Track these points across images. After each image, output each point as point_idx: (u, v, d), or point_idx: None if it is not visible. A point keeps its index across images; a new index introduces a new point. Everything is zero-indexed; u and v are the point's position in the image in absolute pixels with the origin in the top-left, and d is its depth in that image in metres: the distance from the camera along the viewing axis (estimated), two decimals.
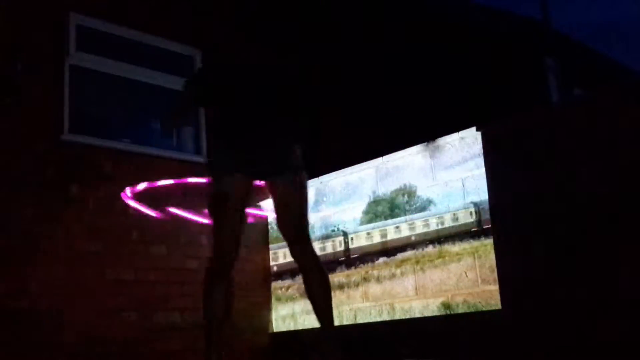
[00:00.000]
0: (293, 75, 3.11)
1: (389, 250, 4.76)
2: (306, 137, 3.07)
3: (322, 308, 2.98)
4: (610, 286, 3.60)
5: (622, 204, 3.62)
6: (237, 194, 2.93)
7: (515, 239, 4.08)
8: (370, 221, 4.97)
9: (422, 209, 4.64)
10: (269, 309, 5.53)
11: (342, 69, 6.14)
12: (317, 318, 3.00)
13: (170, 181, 4.48)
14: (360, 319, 4.89)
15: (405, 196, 4.76)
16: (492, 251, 4.17)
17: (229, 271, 3.01)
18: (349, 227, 5.11)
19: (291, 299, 5.40)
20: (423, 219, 4.61)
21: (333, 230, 5.22)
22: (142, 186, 4.32)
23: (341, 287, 5.06)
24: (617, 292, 3.58)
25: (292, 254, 3.01)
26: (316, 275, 2.98)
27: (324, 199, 5.31)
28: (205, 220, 3.78)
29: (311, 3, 6.25)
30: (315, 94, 3.23)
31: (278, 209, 3.02)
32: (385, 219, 4.86)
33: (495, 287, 4.13)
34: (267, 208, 4.92)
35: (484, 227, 4.23)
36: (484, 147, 4.29)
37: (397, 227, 4.76)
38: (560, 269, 3.82)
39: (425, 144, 4.65)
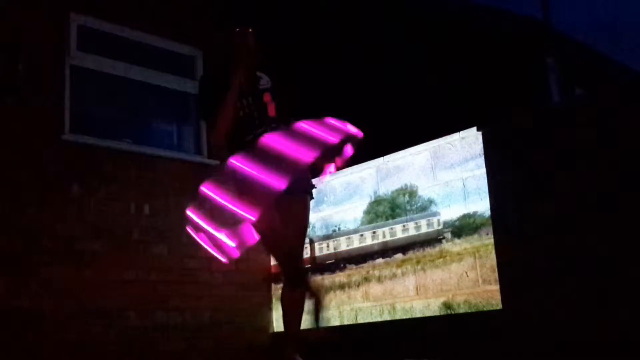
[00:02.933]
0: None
1: None
2: None
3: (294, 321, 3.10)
4: (611, 286, 3.60)
5: (622, 203, 3.62)
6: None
7: (516, 239, 4.08)
8: (371, 221, 4.97)
9: (424, 209, 4.64)
10: (269, 308, 5.52)
11: (343, 69, 6.13)
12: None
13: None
14: (361, 319, 4.89)
15: (407, 196, 4.76)
16: (493, 251, 4.17)
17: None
18: (350, 227, 5.11)
19: None
20: None
21: (334, 230, 5.22)
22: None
23: (342, 286, 5.06)
24: (617, 292, 3.58)
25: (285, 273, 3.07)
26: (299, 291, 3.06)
27: (325, 198, 5.30)
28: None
29: (311, 3, 6.25)
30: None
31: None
32: (387, 219, 4.86)
33: (496, 287, 4.13)
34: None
35: None
36: (484, 147, 4.30)
37: None
38: (560, 269, 3.82)
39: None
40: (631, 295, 3.52)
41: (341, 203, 5.20)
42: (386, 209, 4.87)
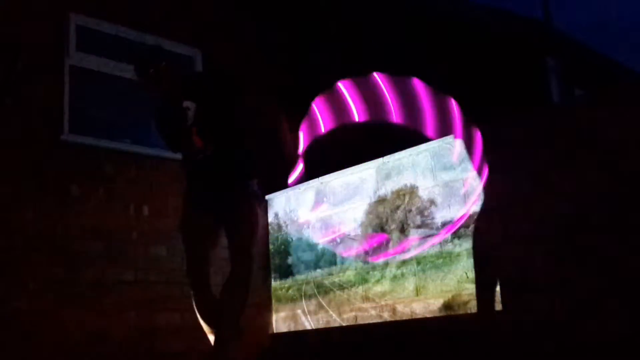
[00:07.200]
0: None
1: None
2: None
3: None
4: (611, 286, 3.60)
5: (622, 204, 3.61)
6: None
7: (515, 239, 4.07)
8: (370, 222, 4.96)
9: (423, 209, 4.63)
10: (269, 309, 5.52)
11: (343, 68, 6.13)
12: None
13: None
14: (361, 320, 4.88)
15: (407, 196, 4.75)
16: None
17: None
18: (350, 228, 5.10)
19: (291, 299, 5.39)
20: None
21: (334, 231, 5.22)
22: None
23: (341, 287, 5.05)
24: (617, 292, 3.57)
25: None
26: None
27: (325, 199, 5.30)
28: None
29: (310, 3, 6.25)
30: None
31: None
32: (386, 219, 4.85)
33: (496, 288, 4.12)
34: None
35: None
36: (484, 147, 4.29)
37: None
38: (560, 269, 3.81)
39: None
40: (631, 296, 3.51)
41: (341, 203, 5.19)
42: (386, 209, 4.87)
